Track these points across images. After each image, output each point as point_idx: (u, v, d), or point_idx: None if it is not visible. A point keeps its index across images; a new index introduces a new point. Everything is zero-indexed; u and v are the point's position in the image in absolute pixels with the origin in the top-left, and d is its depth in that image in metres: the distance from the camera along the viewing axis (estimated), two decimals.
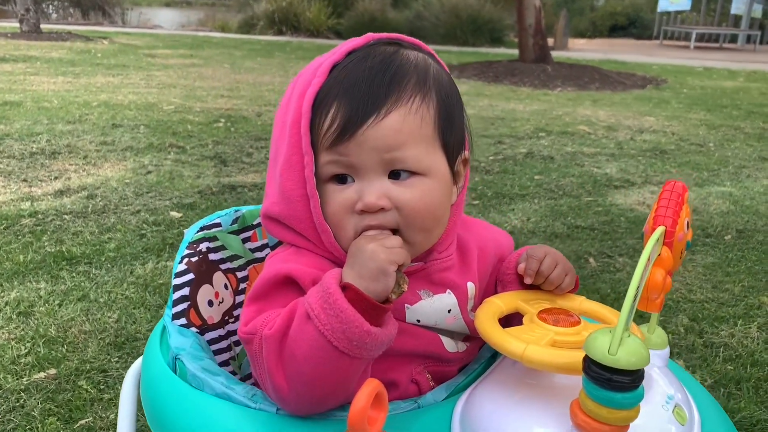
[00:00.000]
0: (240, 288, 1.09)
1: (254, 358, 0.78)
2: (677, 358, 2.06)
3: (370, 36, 0.89)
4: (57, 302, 2.28)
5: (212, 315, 1.01)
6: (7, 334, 2.08)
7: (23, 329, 2.11)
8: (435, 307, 0.89)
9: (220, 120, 5.47)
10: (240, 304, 1.09)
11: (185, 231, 1.06)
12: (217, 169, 4.01)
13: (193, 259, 1.01)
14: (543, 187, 3.84)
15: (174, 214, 3.15)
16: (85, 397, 1.78)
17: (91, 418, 1.70)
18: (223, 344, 1.03)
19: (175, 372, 0.87)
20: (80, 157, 4.13)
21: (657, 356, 0.86)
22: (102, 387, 1.84)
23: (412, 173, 0.84)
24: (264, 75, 8.71)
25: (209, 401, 0.80)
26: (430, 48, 0.93)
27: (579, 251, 2.87)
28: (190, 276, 0.99)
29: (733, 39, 19.10)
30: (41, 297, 2.31)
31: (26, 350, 2.00)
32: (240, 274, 1.09)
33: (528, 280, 0.92)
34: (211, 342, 1.00)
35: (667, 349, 0.87)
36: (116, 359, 1.97)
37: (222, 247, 1.06)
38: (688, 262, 2.81)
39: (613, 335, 0.61)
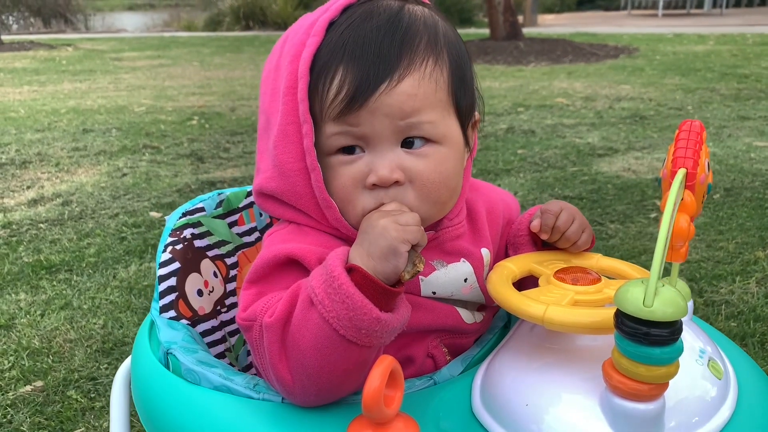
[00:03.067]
0: (230, 275, 1.02)
1: (255, 346, 0.71)
2: None
3: None
4: (39, 313, 2.20)
5: (203, 305, 0.94)
6: None
7: (5, 342, 2.03)
8: (450, 276, 0.83)
9: (193, 118, 5.36)
10: (232, 293, 1.02)
11: (166, 218, 0.98)
12: (194, 166, 3.92)
13: (178, 247, 0.93)
14: (527, 161, 3.79)
15: (153, 214, 3.06)
16: (75, 407, 1.71)
17: (83, 429, 1.63)
18: (217, 335, 0.95)
19: (168, 368, 0.80)
20: (52, 164, 4.01)
21: None
22: (92, 395, 1.76)
23: (427, 141, 0.77)
24: (234, 70, 8.58)
25: (208, 395, 0.73)
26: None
27: None
28: (176, 265, 0.92)
29: (700, 4, 19.20)
30: (22, 308, 2.23)
31: (10, 364, 1.92)
32: (229, 261, 1.02)
33: (544, 236, 0.86)
34: (203, 334, 0.93)
35: (691, 302, 0.81)
36: (105, 366, 1.90)
37: (208, 233, 0.98)
38: None
39: (647, 286, 0.56)
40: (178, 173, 3.77)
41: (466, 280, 0.84)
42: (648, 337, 0.56)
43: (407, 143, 0.76)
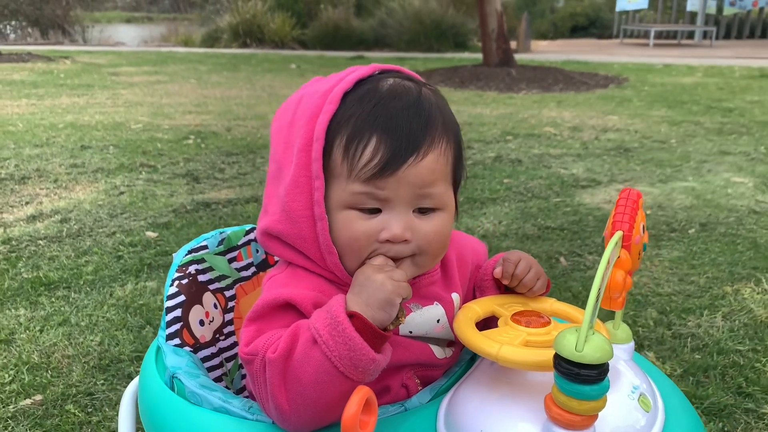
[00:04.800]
0: (229, 306, 1.14)
1: (255, 377, 0.82)
2: (648, 350, 2.14)
3: (375, 66, 0.94)
4: (38, 328, 2.29)
5: (204, 334, 1.06)
6: None
7: (5, 357, 2.12)
8: (425, 317, 0.95)
9: (189, 137, 5.47)
10: (229, 322, 1.14)
11: (174, 255, 1.10)
12: (189, 186, 4.03)
13: (183, 282, 1.05)
14: (512, 190, 3.93)
15: (150, 234, 3.17)
16: (73, 420, 1.80)
17: None
18: (216, 361, 1.07)
19: (173, 390, 0.91)
20: (50, 180, 4.11)
21: (623, 350, 0.92)
22: (90, 410, 1.86)
23: (434, 209, 0.90)
24: (231, 89, 8.71)
25: (209, 416, 0.85)
26: (410, 68, 0.98)
27: (550, 251, 2.96)
28: (182, 298, 1.04)
29: (691, 35, 19.57)
30: (21, 324, 2.32)
31: (10, 378, 2.01)
32: (228, 293, 1.14)
33: (505, 282, 0.99)
34: (204, 359, 1.04)
35: (632, 344, 0.93)
36: (102, 382, 1.99)
37: (210, 269, 1.11)
38: (654, 257, 2.91)
39: (579, 334, 0.67)
40: (174, 193, 3.87)
41: (438, 321, 0.96)
42: (579, 376, 0.67)
43: (420, 210, 0.89)
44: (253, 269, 1.17)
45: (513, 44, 12.94)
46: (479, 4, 10.60)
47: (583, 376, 0.67)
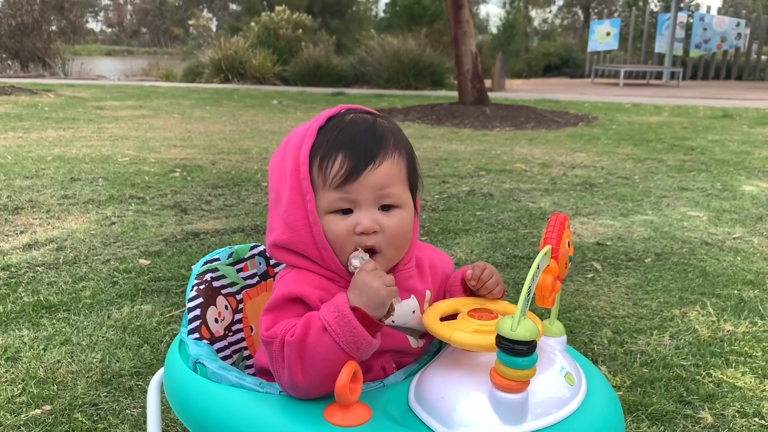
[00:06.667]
0: (238, 308, 1.37)
1: (273, 355, 1.04)
2: (601, 365, 2.38)
3: (342, 106, 1.22)
4: (42, 347, 2.46)
5: (218, 330, 1.29)
6: None
7: (13, 372, 2.29)
8: (404, 308, 1.18)
9: (175, 170, 5.68)
10: (238, 321, 1.38)
11: (193, 266, 1.33)
12: (178, 217, 4.23)
13: (201, 287, 1.28)
14: (484, 222, 4.19)
15: (143, 261, 3.36)
16: (81, 428, 1.98)
17: None
18: (227, 353, 1.31)
19: (196, 373, 1.13)
20: (43, 211, 4.28)
21: (557, 342, 1.16)
22: (96, 419, 2.03)
23: (394, 206, 1.15)
24: (215, 124, 8.96)
25: (228, 390, 1.07)
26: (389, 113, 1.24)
27: (517, 278, 3.20)
28: (200, 300, 1.27)
29: (659, 75, 20.35)
30: (26, 343, 2.49)
31: (19, 391, 2.17)
32: (237, 297, 1.38)
33: (472, 282, 1.24)
34: (217, 351, 1.27)
35: (564, 337, 1.17)
36: (105, 394, 2.17)
37: (222, 276, 1.35)
38: (612, 283, 3.17)
39: (514, 319, 0.91)
40: (163, 223, 4.07)
41: (414, 312, 1.20)
42: (514, 350, 0.91)
43: (383, 207, 1.14)
44: (257, 278, 1.42)
45: (488, 83, 13.41)
46: (454, 45, 11.04)
47: (517, 350, 0.91)
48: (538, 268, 0.96)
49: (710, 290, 3.09)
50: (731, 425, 2.02)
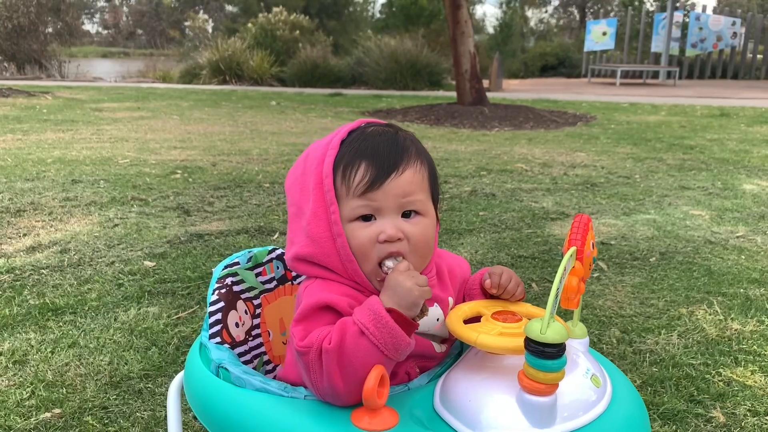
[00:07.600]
0: (256, 313, 1.37)
1: (310, 365, 1.03)
2: None
3: (362, 120, 1.22)
4: (49, 350, 2.45)
5: (239, 334, 1.28)
6: (6, 381, 2.24)
7: (21, 376, 2.28)
8: (429, 316, 1.17)
9: (176, 171, 5.67)
10: (257, 326, 1.37)
11: (213, 270, 1.32)
12: (181, 219, 4.22)
13: (222, 291, 1.28)
14: (487, 222, 4.19)
15: (147, 263, 3.35)
16: (92, 431, 1.97)
17: None
18: (247, 357, 1.31)
19: (218, 377, 1.13)
20: (45, 213, 4.27)
21: (580, 344, 1.15)
22: (106, 422, 2.03)
23: (417, 213, 1.15)
24: (214, 125, 8.94)
25: (252, 395, 1.06)
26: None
27: (522, 278, 3.20)
28: (221, 304, 1.26)
29: (655, 75, 20.38)
30: (33, 346, 2.48)
31: (28, 394, 2.17)
32: (255, 302, 1.37)
33: (493, 291, 1.24)
34: (238, 356, 1.26)
35: (587, 339, 1.17)
36: (114, 396, 2.16)
37: (242, 281, 1.34)
38: (618, 282, 3.17)
39: (543, 321, 0.90)
40: (167, 225, 4.06)
41: (438, 320, 1.20)
42: (543, 353, 0.90)
43: (405, 214, 1.14)
44: (275, 282, 1.41)
45: (485, 83, 13.41)
46: (453, 45, 11.04)
47: (547, 353, 0.90)
48: (564, 270, 0.96)
49: (716, 289, 3.09)
50: (743, 424, 2.02)
